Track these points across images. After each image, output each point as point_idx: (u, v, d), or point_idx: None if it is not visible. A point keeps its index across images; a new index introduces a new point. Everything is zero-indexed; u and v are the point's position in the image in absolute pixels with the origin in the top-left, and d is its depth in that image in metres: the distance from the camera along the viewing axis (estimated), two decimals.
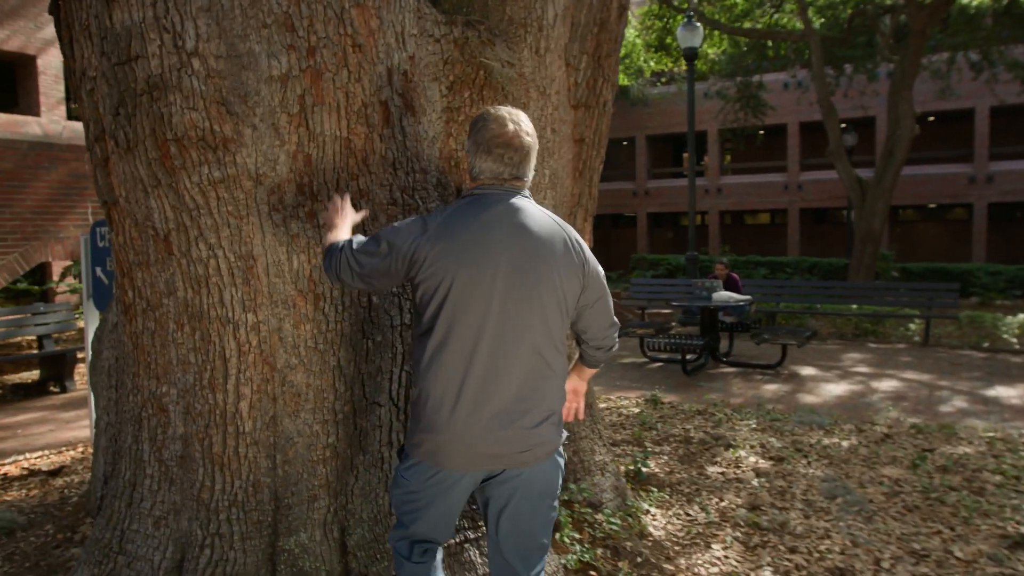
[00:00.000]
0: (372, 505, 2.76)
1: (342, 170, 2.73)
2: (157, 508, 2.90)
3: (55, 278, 11.51)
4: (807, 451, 4.80)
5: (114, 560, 2.92)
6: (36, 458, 5.17)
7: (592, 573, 2.98)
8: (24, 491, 4.34)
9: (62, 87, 14.45)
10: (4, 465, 4.98)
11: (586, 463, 3.55)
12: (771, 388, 7.23)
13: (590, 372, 2.40)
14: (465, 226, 2.04)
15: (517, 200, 2.11)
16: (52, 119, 8.52)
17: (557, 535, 3.12)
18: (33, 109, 14.26)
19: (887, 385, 7.31)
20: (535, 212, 2.11)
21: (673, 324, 10.34)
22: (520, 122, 2.13)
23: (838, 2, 18.25)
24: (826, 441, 5.03)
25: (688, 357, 8.09)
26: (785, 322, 11.47)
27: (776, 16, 19.10)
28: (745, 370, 8.25)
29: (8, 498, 4.20)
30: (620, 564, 3.07)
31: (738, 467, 4.48)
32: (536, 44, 3.35)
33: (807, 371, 8.09)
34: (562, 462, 2.20)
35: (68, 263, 11.81)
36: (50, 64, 14.26)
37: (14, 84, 14.74)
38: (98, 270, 5.13)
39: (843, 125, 19.23)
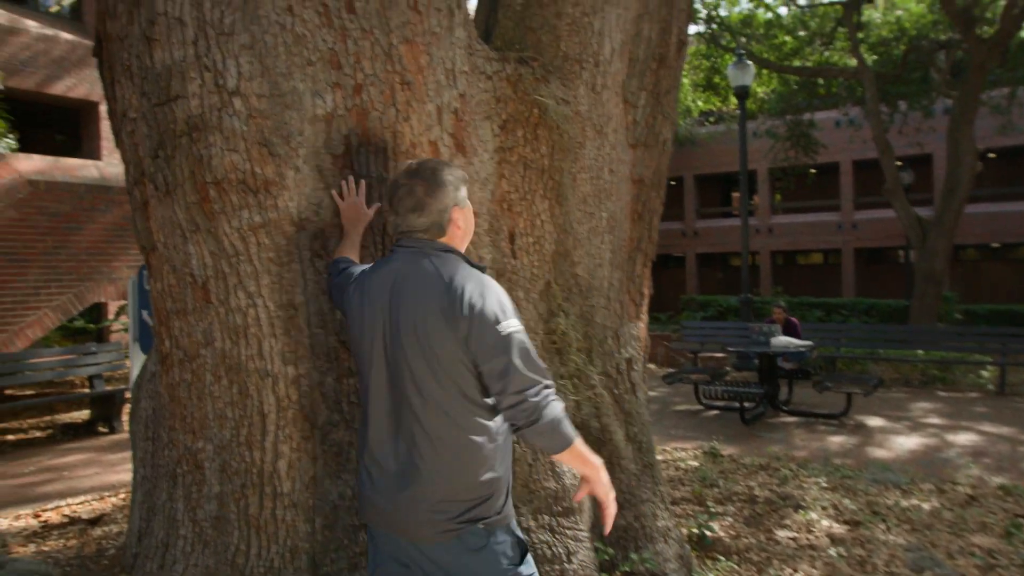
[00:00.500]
0: None
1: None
2: (190, 572, 2.72)
3: (111, 316, 11.72)
4: (885, 514, 4.41)
5: None
6: (78, 504, 5.07)
7: None
8: (63, 540, 4.21)
9: None
10: (46, 511, 4.89)
11: (648, 529, 3.27)
12: (837, 440, 6.81)
13: (559, 455, 1.89)
14: (362, 287, 2.00)
15: (413, 257, 1.94)
16: (110, 163, 8.69)
17: None
18: (95, 153, 14.72)
19: (964, 439, 6.82)
20: (422, 271, 1.90)
21: (727, 369, 9.94)
22: (419, 167, 2.00)
23: (891, 39, 17.90)
24: (904, 503, 4.64)
25: (746, 405, 7.72)
26: (846, 368, 10.97)
27: (827, 54, 18.82)
28: (807, 420, 7.82)
29: (46, 548, 4.08)
30: None
31: (810, 532, 4.13)
32: (592, 81, 3.19)
33: (874, 422, 7.63)
34: (483, 553, 1.85)
35: (122, 303, 12.05)
36: None
37: (78, 130, 15.30)
38: (144, 313, 5.09)
39: (899, 163, 18.70)
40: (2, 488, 5.71)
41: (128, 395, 8.42)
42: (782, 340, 8.10)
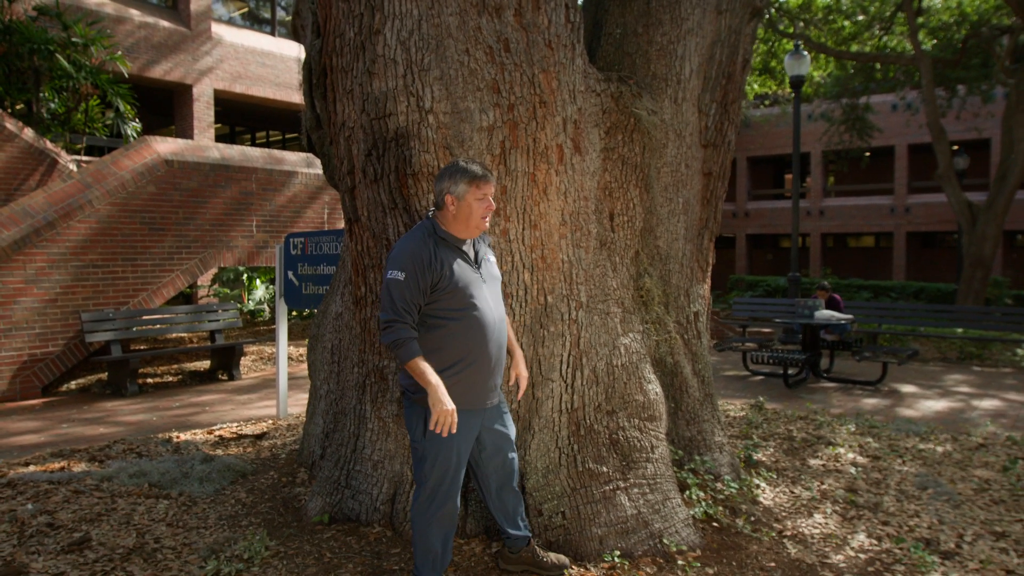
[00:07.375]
0: (545, 458, 3.55)
1: (528, 198, 3.56)
2: (376, 454, 3.79)
3: (201, 283, 13.25)
4: (903, 452, 5.29)
5: (341, 492, 3.83)
6: (236, 427, 6.25)
7: (715, 524, 3.68)
8: (241, 448, 5.37)
9: (212, 113, 16.27)
10: (215, 430, 6.07)
11: (707, 442, 4.25)
12: (871, 402, 7.64)
13: (407, 368, 2.85)
14: None
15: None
16: (227, 145, 9.86)
17: (686, 493, 3.83)
18: (187, 132, 16.11)
19: (988, 404, 7.59)
20: None
21: (773, 341, 10.77)
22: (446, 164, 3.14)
23: (951, 23, 18.13)
24: (921, 446, 5.50)
25: (790, 371, 8.57)
26: (887, 344, 11.67)
27: (885, 39, 19.13)
28: (845, 385, 8.65)
29: (232, 452, 5.24)
30: (737, 520, 3.75)
31: (837, 461, 5.04)
32: (675, 95, 4.12)
33: (907, 388, 8.43)
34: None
35: (215, 271, 13.47)
36: (203, 92, 16.10)
37: (172, 109, 16.69)
38: (289, 274, 6.20)
39: (955, 147, 18.94)
40: (164, 416, 6.95)
41: (247, 348, 9.73)
42: (825, 313, 8.91)
